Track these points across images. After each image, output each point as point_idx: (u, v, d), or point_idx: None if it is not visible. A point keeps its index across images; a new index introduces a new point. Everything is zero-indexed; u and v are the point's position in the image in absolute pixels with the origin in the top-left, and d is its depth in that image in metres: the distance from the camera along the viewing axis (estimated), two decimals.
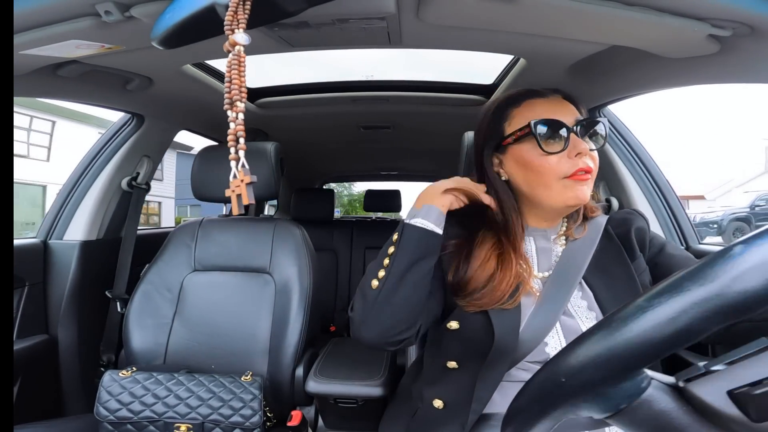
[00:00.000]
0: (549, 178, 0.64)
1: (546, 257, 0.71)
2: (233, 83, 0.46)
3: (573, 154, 0.63)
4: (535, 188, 0.66)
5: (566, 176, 0.63)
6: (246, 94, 0.47)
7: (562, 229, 0.72)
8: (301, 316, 1.09)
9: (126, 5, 0.65)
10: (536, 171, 0.65)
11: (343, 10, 0.73)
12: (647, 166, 1.24)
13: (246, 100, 1.12)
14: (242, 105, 0.46)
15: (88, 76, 0.97)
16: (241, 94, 0.46)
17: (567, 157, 0.63)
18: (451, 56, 1.03)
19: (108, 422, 0.92)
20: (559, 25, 0.74)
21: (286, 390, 1.06)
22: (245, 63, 0.49)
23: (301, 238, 1.18)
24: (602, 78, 0.99)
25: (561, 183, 0.63)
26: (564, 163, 0.63)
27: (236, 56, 0.48)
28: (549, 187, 0.64)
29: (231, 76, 0.47)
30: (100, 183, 1.31)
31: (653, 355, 0.26)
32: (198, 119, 1.46)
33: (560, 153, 0.63)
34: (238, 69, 0.47)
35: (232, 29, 0.50)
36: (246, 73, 0.50)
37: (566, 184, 0.63)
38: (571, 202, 0.64)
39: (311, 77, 1.50)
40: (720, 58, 0.73)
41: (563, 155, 0.63)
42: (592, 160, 0.64)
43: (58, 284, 1.24)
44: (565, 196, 0.64)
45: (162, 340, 1.11)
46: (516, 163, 0.68)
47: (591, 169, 0.64)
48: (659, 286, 0.28)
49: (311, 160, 2.47)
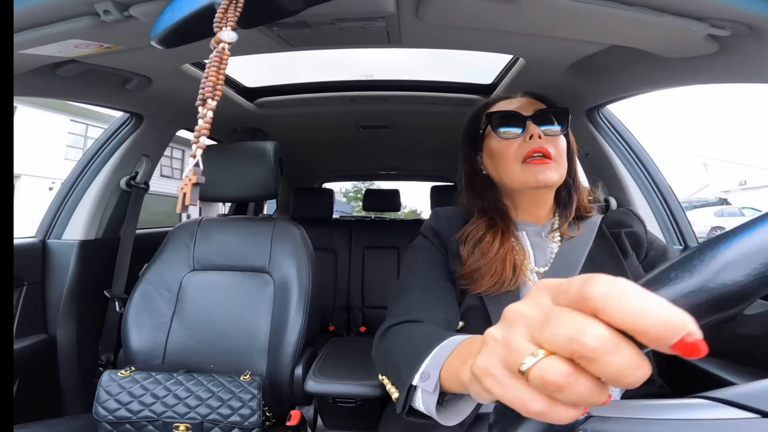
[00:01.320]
0: (509, 162, 0.71)
1: (541, 252, 0.73)
2: (209, 80, 0.45)
3: (527, 138, 0.70)
4: (501, 174, 0.73)
5: (523, 160, 0.69)
6: (221, 92, 0.46)
7: (555, 225, 0.75)
8: (300, 316, 1.09)
9: (125, 5, 0.65)
10: (499, 157, 0.72)
11: (342, 10, 0.73)
12: (646, 167, 1.24)
13: (245, 99, 1.12)
14: (213, 103, 0.45)
15: (86, 75, 0.96)
16: (214, 92, 0.45)
17: (523, 141, 0.70)
18: (451, 56, 1.03)
19: (107, 422, 0.92)
20: (557, 24, 0.74)
21: (285, 389, 1.06)
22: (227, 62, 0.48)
23: (300, 237, 1.18)
24: (601, 78, 0.99)
25: (520, 167, 0.70)
26: (521, 147, 0.70)
27: (218, 54, 0.47)
28: (510, 171, 0.71)
29: (209, 72, 0.46)
30: (98, 182, 1.31)
31: None
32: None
33: (516, 139, 0.71)
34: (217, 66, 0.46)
35: (221, 26, 0.49)
36: (245, 72, 0.49)
37: (525, 168, 0.69)
38: (532, 184, 0.69)
39: (310, 77, 1.50)
40: (719, 58, 0.73)
41: (520, 140, 0.71)
42: (553, 145, 0.70)
43: (57, 284, 1.23)
44: (525, 178, 0.69)
45: (161, 340, 1.11)
46: (487, 155, 0.76)
47: (548, 151, 0.69)
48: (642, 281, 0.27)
49: (310, 160, 2.47)
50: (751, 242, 0.25)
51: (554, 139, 0.71)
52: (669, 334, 0.21)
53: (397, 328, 0.61)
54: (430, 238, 0.77)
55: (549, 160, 0.69)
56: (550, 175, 0.68)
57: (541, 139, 0.69)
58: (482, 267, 0.68)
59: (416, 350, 0.47)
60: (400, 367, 0.49)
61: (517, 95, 0.77)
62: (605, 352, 0.21)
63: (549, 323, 0.23)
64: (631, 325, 0.21)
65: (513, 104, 0.75)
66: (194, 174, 0.43)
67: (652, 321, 0.21)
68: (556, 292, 0.25)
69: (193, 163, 0.44)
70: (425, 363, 0.43)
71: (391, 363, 0.53)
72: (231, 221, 1.24)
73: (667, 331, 0.21)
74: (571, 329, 0.22)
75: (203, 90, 0.45)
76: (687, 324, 0.21)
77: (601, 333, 0.22)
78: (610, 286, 0.22)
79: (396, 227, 2.39)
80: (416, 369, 0.43)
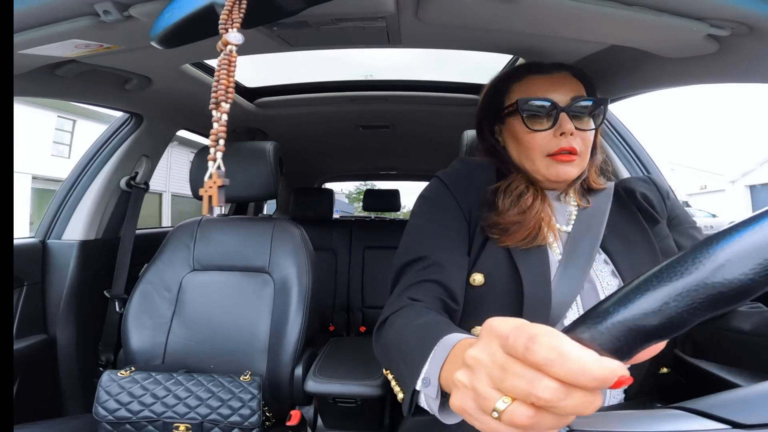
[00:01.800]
0: (533, 153, 0.67)
1: (562, 214, 0.71)
2: (221, 83, 0.45)
3: (558, 133, 0.65)
4: (522, 161, 0.70)
5: (549, 154, 0.66)
6: (233, 95, 0.46)
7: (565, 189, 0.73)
8: (300, 316, 1.09)
9: (125, 5, 0.65)
10: (523, 145, 0.69)
11: (342, 10, 0.72)
12: (646, 166, 1.24)
13: (245, 99, 1.11)
14: (227, 106, 0.45)
15: (86, 75, 0.96)
16: (227, 95, 0.45)
17: (553, 136, 0.66)
18: (451, 56, 1.03)
19: (107, 422, 0.91)
20: (557, 24, 0.74)
21: (285, 389, 1.06)
22: (236, 63, 0.48)
23: (300, 237, 1.18)
24: (601, 77, 0.99)
25: (544, 160, 0.67)
26: (549, 141, 0.66)
27: (227, 56, 0.47)
28: (533, 162, 0.68)
29: (219, 76, 0.46)
30: (98, 182, 1.31)
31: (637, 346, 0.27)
32: (197, 119, 1.46)
33: (546, 131, 0.66)
34: (227, 69, 0.46)
35: (226, 28, 0.49)
36: (245, 72, 0.50)
37: (549, 162, 0.66)
38: (552, 179, 0.67)
39: (310, 77, 1.50)
40: (719, 57, 0.73)
41: (549, 133, 0.66)
42: (582, 140, 0.66)
43: (57, 284, 1.23)
44: (547, 172, 0.67)
45: (161, 340, 1.11)
46: (508, 135, 0.72)
47: (575, 149, 0.65)
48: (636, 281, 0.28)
49: (310, 160, 2.47)
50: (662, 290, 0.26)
51: (585, 133, 0.67)
52: (605, 383, 0.25)
53: (393, 318, 0.59)
54: (450, 184, 0.71)
55: (575, 157, 0.66)
56: (572, 172, 0.66)
57: (572, 135, 0.65)
58: (522, 221, 0.64)
59: (415, 349, 0.47)
60: (401, 367, 0.49)
61: (552, 70, 0.70)
62: (558, 399, 0.26)
63: (506, 377, 0.28)
64: (573, 381, 0.25)
65: (546, 84, 0.68)
66: (218, 176, 0.44)
67: (590, 378, 0.25)
68: (505, 345, 0.28)
69: (214, 166, 0.44)
70: (425, 369, 0.44)
71: (392, 359, 0.53)
72: (231, 221, 1.24)
73: (604, 382, 0.25)
74: (526, 385, 0.26)
75: (216, 93, 0.45)
76: (617, 372, 0.25)
77: (551, 386, 0.26)
78: (550, 351, 0.26)
79: (396, 227, 2.39)
80: (417, 373, 0.44)
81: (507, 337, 0.28)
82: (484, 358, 0.30)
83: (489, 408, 0.28)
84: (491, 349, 0.30)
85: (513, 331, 0.28)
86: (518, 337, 0.27)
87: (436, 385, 0.42)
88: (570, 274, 0.63)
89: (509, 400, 0.27)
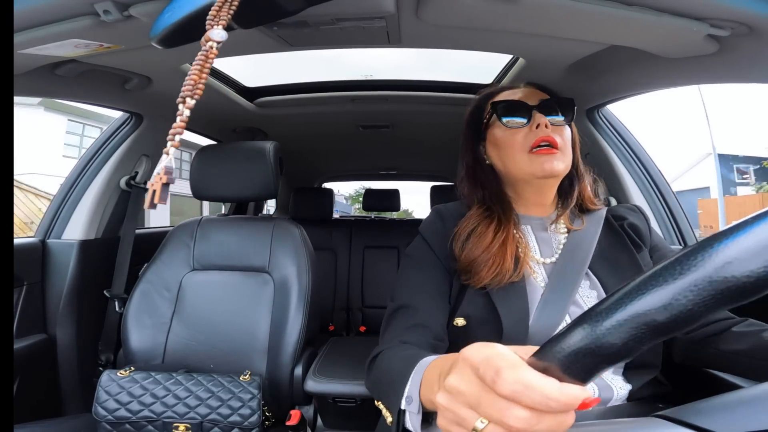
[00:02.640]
0: (515, 151, 0.70)
1: (547, 246, 0.73)
2: (190, 77, 0.45)
3: (534, 126, 0.69)
4: (507, 164, 0.72)
5: (530, 149, 0.69)
6: (201, 91, 0.45)
7: (555, 215, 0.75)
8: (299, 316, 1.09)
9: (125, 4, 0.65)
10: (505, 147, 0.72)
11: (342, 10, 0.72)
12: (646, 166, 1.24)
13: (245, 99, 1.11)
14: (192, 102, 0.45)
15: (86, 75, 0.96)
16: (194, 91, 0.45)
17: (530, 130, 0.70)
18: (451, 56, 1.03)
19: (106, 422, 0.91)
20: (557, 24, 0.74)
21: (284, 389, 1.06)
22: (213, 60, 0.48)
23: (299, 237, 1.18)
24: (601, 78, 0.99)
25: (527, 156, 0.69)
26: (527, 136, 0.70)
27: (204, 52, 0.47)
28: (517, 161, 0.70)
29: (192, 71, 0.45)
30: (98, 182, 1.31)
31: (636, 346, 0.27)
32: (197, 118, 1.46)
33: (522, 128, 0.70)
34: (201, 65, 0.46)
35: (212, 25, 0.49)
36: (245, 72, 0.49)
37: (531, 157, 0.69)
38: (538, 173, 0.69)
39: (310, 77, 1.50)
40: (718, 57, 0.73)
41: (526, 130, 0.70)
42: (559, 135, 0.69)
43: (57, 283, 1.23)
44: (532, 167, 0.69)
45: (160, 340, 1.11)
46: (491, 145, 0.75)
47: (555, 141, 0.68)
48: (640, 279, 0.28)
49: (310, 159, 2.47)
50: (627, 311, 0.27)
51: (560, 129, 0.70)
52: (570, 407, 0.28)
53: (381, 356, 0.63)
54: (428, 238, 0.76)
55: (556, 150, 0.68)
56: (556, 165, 0.68)
57: (548, 128, 0.69)
58: (478, 257, 0.67)
59: (399, 374, 0.51)
60: (389, 393, 0.52)
61: (520, 86, 0.77)
62: (531, 425, 0.28)
63: (481, 404, 0.30)
64: (540, 408, 0.28)
65: (517, 94, 0.74)
66: (165, 173, 0.42)
67: (555, 405, 0.28)
68: (479, 374, 0.31)
69: (165, 161, 0.43)
70: (407, 387, 0.48)
71: (382, 390, 0.57)
72: (231, 221, 1.24)
73: (568, 406, 0.28)
74: (499, 413, 0.29)
75: (184, 88, 0.44)
76: (579, 397, 0.28)
77: (521, 415, 0.28)
78: (515, 384, 0.28)
79: (396, 227, 2.40)
80: (401, 393, 0.48)
81: (477, 368, 0.31)
82: (461, 386, 0.33)
83: (469, 427, 0.31)
84: (466, 377, 0.33)
85: (482, 364, 0.31)
86: (486, 370, 0.30)
87: (417, 401, 0.46)
88: (553, 303, 0.65)
89: (486, 421, 0.30)
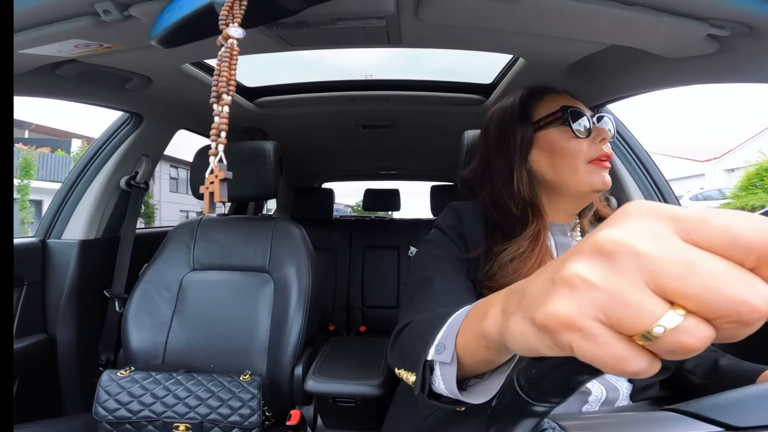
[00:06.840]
0: (577, 161, 0.67)
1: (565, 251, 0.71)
2: (222, 76, 0.45)
3: (597, 140, 0.68)
4: (562, 173, 0.68)
5: (592, 160, 0.67)
6: (234, 87, 0.46)
7: (576, 223, 0.75)
8: (300, 315, 1.09)
9: (125, 4, 0.65)
10: (566, 155, 0.68)
11: (342, 10, 0.72)
12: (646, 166, 1.24)
13: (245, 99, 1.11)
14: (228, 98, 0.45)
15: (86, 75, 0.96)
16: (228, 87, 0.45)
17: (592, 142, 0.68)
18: (451, 55, 1.03)
19: (106, 422, 0.92)
20: (558, 24, 0.74)
21: (284, 389, 1.06)
22: (237, 57, 0.48)
23: (300, 237, 1.18)
24: (601, 78, 0.99)
25: (587, 167, 0.67)
26: (590, 147, 0.68)
27: (228, 49, 0.47)
28: (576, 171, 0.67)
29: (221, 68, 0.46)
30: (98, 182, 1.31)
31: None
32: (197, 118, 1.46)
33: (587, 138, 0.68)
34: (228, 62, 0.46)
35: (227, 23, 0.49)
36: (245, 72, 0.50)
37: (591, 168, 0.67)
38: (597, 186, 0.67)
39: (310, 77, 1.50)
40: (718, 57, 0.73)
41: (589, 141, 0.68)
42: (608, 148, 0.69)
43: (57, 283, 1.23)
44: (592, 179, 0.67)
45: (161, 340, 1.11)
46: (543, 149, 0.70)
47: (611, 156, 0.68)
48: None
49: (310, 160, 2.47)
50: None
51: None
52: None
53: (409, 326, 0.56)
54: (449, 233, 0.71)
55: (609, 164, 0.68)
56: (608, 179, 0.68)
57: (605, 141, 0.68)
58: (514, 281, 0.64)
59: (430, 326, 0.42)
60: (414, 347, 0.43)
61: (562, 92, 0.73)
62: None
63: (697, 273, 0.18)
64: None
65: (566, 100, 0.71)
66: (220, 170, 0.43)
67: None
68: (687, 226, 0.19)
69: (216, 159, 0.43)
70: (440, 334, 0.39)
71: (405, 351, 0.48)
72: (231, 221, 1.24)
73: None
74: (739, 288, 0.17)
75: (217, 87, 0.45)
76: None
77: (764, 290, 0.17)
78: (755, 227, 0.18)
79: (396, 227, 2.39)
80: (431, 342, 0.38)
81: (685, 217, 0.19)
82: (644, 245, 0.19)
83: (641, 325, 0.18)
84: (654, 230, 0.19)
85: (702, 214, 0.19)
86: (708, 215, 0.18)
87: (452, 347, 0.35)
88: None
89: (683, 314, 0.18)
